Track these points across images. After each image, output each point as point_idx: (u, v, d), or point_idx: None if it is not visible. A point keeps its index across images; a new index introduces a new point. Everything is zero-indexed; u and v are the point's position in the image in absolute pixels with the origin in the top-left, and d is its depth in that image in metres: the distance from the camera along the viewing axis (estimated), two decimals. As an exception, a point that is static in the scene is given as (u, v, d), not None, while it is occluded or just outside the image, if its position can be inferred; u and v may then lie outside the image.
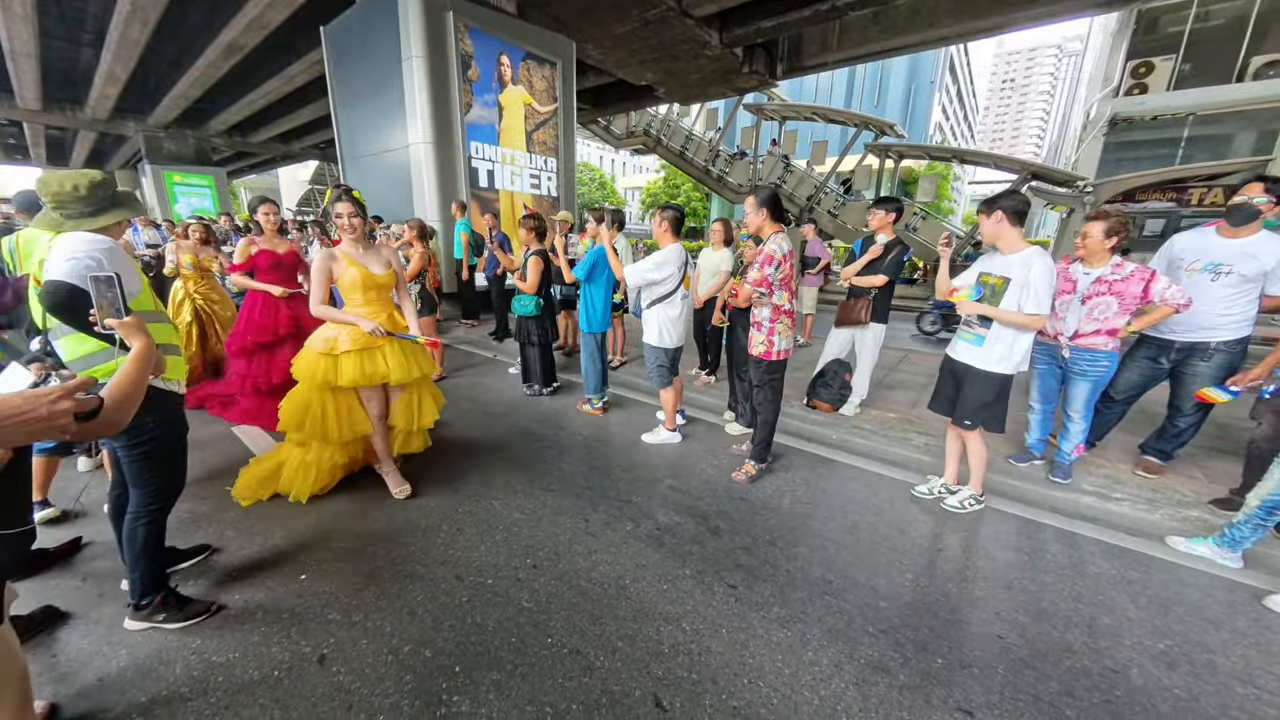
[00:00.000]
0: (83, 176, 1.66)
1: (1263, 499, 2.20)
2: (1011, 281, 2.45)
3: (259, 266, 3.69)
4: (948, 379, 2.84)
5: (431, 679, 1.66)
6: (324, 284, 2.56)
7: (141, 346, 1.24)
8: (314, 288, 2.53)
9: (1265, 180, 2.59)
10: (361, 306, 2.66)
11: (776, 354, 2.93)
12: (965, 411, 2.71)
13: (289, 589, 2.07)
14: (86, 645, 1.76)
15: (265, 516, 2.60)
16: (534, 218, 4.19)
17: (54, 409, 0.86)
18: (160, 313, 1.78)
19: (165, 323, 1.79)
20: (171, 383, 1.75)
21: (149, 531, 1.77)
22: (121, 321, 1.28)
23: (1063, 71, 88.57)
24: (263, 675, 1.66)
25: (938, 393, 2.92)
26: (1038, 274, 2.37)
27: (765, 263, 2.78)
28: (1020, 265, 2.43)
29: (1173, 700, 1.66)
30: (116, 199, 1.74)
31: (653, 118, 18.25)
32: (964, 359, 2.69)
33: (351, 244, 2.63)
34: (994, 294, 2.54)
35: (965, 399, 2.71)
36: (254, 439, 3.54)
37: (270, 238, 3.75)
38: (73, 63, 12.16)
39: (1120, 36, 14.00)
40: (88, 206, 1.66)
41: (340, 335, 2.60)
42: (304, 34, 9.20)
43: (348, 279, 2.60)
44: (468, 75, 7.33)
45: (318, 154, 22.34)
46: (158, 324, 1.73)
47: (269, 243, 3.73)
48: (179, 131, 16.53)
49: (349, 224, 2.51)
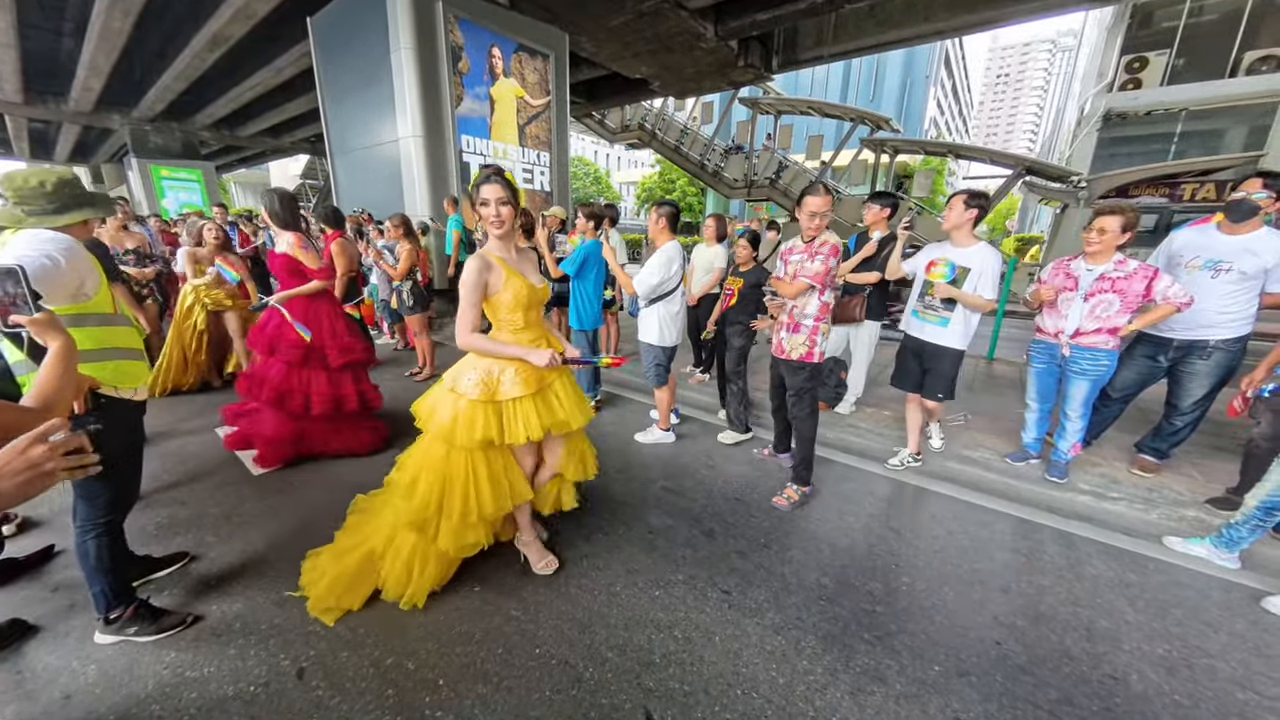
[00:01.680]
0: (50, 174, 1.60)
1: (1261, 500, 2.17)
2: (971, 271, 2.78)
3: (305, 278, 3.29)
4: (910, 358, 3.12)
5: (414, 693, 1.61)
6: (478, 304, 1.86)
7: (59, 346, 1.16)
8: (465, 309, 1.83)
9: (1264, 176, 2.55)
10: (523, 330, 1.97)
11: (819, 355, 2.71)
12: (940, 386, 3.01)
13: (268, 598, 2.00)
14: (54, 660, 1.69)
15: (247, 521, 2.53)
16: (522, 213, 4.08)
17: (29, 457, 0.76)
18: (120, 315, 1.69)
19: (125, 325, 1.71)
20: (127, 390, 1.67)
21: (100, 544, 1.69)
22: (32, 319, 1.14)
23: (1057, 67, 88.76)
24: (238, 691, 1.60)
25: (903, 372, 3.18)
26: (993, 265, 2.76)
27: (832, 254, 2.56)
28: (978, 257, 2.78)
29: (1173, 707, 1.63)
30: (84, 198, 1.67)
31: (647, 112, 18.11)
32: (933, 340, 2.98)
33: (501, 245, 1.94)
34: (955, 281, 2.85)
35: (938, 375, 2.99)
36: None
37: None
38: (54, 54, 11.88)
39: (1115, 31, 13.99)
40: (51, 204, 1.59)
41: (503, 373, 1.92)
42: (291, 25, 9.00)
43: (508, 296, 1.89)
44: (458, 67, 7.20)
45: (308, 148, 22.02)
46: (115, 327, 1.66)
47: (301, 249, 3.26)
48: (165, 125, 16.21)
49: (497, 215, 1.81)
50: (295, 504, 2.68)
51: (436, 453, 1.95)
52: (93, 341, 1.56)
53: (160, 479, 2.92)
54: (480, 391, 1.88)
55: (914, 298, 3.09)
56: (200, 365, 4.46)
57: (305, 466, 3.12)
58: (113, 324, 1.64)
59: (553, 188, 8.98)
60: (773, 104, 16.90)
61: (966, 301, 2.80)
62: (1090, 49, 21.77)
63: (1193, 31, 12.71)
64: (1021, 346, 3.93)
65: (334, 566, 1.98)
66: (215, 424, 3.69)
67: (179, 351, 4.32)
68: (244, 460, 3.16)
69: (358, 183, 8.49)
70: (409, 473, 1.98)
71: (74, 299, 1.52)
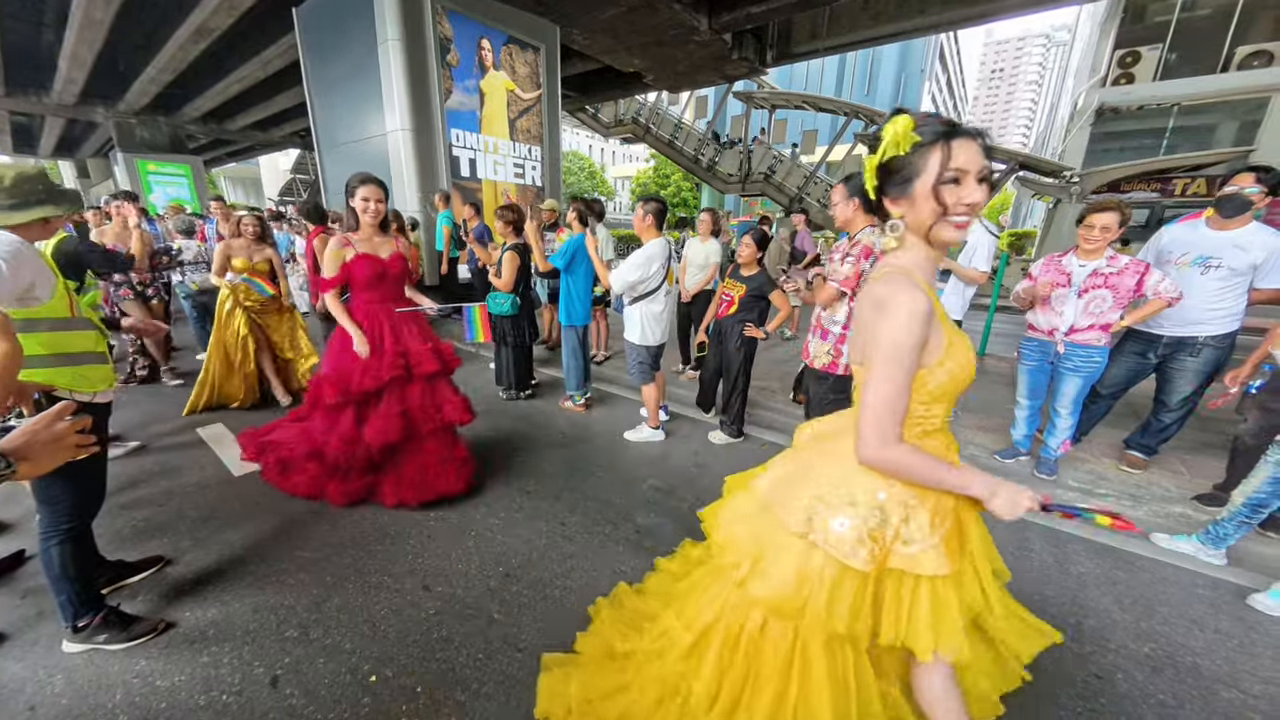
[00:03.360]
0: (11, 169, 1.55)
1: (1248, 496, 2.16)
2: (965, 245, 2.98)
3: (356, 280, 2.55)
4: None
5: (391, 701, 1.57)
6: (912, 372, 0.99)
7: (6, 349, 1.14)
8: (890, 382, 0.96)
9: (1256, 170, 2.53)
10: (939, 433, 1.12)
11: (844, 369, 2.49)
12: None
13: (245, 604, 1.96)
14: (20, 670, 1.65)
15: (226, 524, 2.48)
16: (511, 209, 4.03)
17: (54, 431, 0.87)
18: (79, 319, 1.63)
19: (85, 329, 1.65)
20: (85, 394, 1.62)
21: (64, 551, 1.64)
22: None
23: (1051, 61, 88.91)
24: (209, 700, 1.56)
25: None
26: (985, 240, 3.03)
27: (863, 255, 2.34)
28: (972, 232, 2.96)
29: (1158, 707, 1.62)
30: (46, 195, 1.60)
31: (641, 105, 17.97)
32: None
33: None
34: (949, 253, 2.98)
35: None
36: (225, 447, 3.39)
37: (370, 236, 2.57)
38: (35, 45, 11.64)
39: (1108, 25, 13.98)
40: (8, 200, 1.53)
41: (909, 519, 1.03)
42: (278, 16, 8.83)
43: (946, 371, 1.02)
44: (447, 60, 7.09)
45: (298, 142, 21.71)
46: (72, 332, 1.60)
47: (368, 244, 2.55)
48: (151, 118, 15.95)
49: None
50: (276, 506, 2.63)
51: (746, 622, 1.18)
52: (45, 347, 1.51)
53: (136, 480, 2.87)
54: (869, 552, 1.01)
55: None
56: (249, 377, 3.87)
57: (288, 467, 3.07)
58: (69, 329, 1.59)
59: (545, 182, 8.90)
60: (767, 98, 16.82)
61: (961, 274, 3.03)
62: (1084, 44, 21.77)
63: (1185, 26, 12.71)
64: (1012, 343, 3.92)
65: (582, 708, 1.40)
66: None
67: (221, 361, 3.78)
68: (224, 460, 3.10)
69: (346, 177, 8.37)
70: (691, 629, 1.28)
71: (22, 303, 1.46)
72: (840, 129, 16.64)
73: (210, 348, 3.78)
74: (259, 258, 3.81)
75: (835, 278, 2.44)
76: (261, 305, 3.86)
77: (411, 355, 2.60)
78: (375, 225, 2.56)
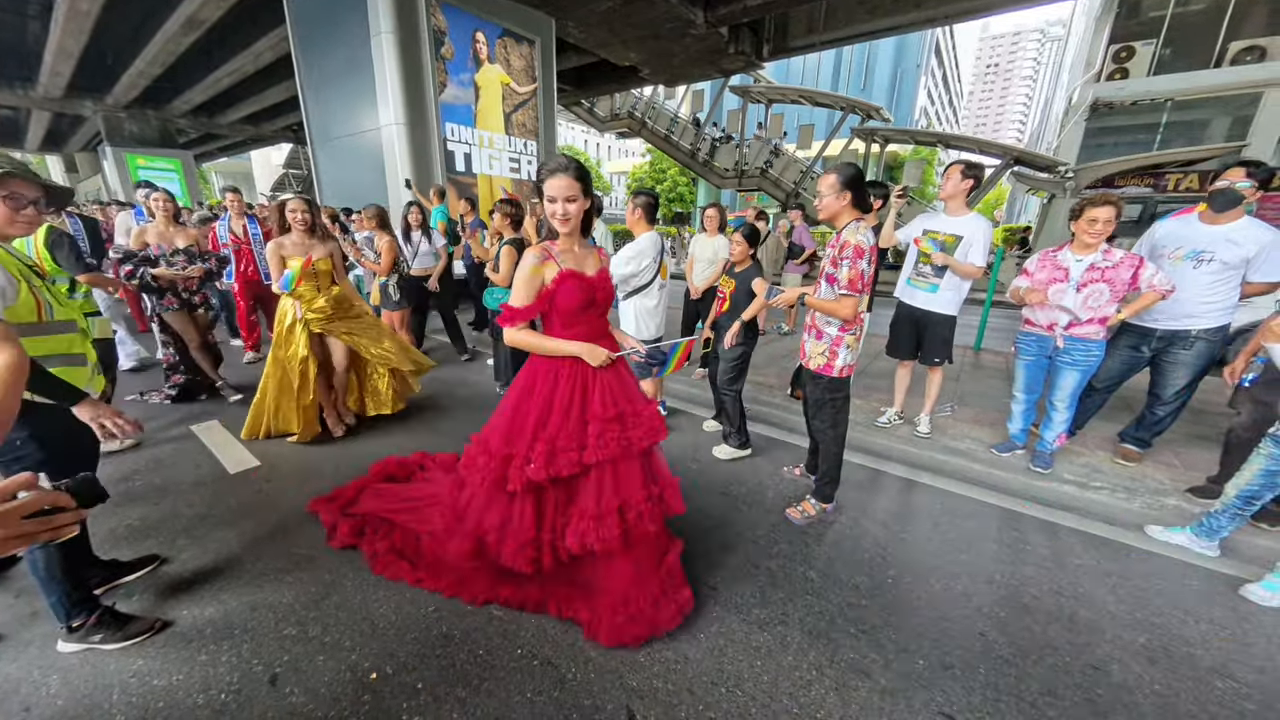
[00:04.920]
0: None
1: (1241, 489, 2.19)
2: (962, 239, 2.96)
3: (560, 310, 1.77)
4: (904, 326, 3.33)
5: (392, 698, 1.57)
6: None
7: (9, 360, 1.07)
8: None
9: (1247, 165, 2.55)
10: None
11: (839, 370, 2.42)
12: (936, 351, 3.22)
13: (242, 602, 1.95)
14: (14, 671, 1.63)
15: (222, 521, 2.46)
16: (510, 203, 4.00)
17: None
18: (54, 323, 1.59)
19: (63, 333, 1.61)
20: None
21: (49, 554, 1.61)
22: None
23: (1046, 56, 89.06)
24: (208, 699, 1.55)
25: (897, 341, 3.39)
26: (983, 233, 2.93)
27: (857, 256, 2.18)
28: (970, 226, 2.98)
29: (1153, 697, 1.64)
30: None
31: (637, 100, 17.89)
32: (924, 306, 3.19)
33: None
34: (946, 249, 3.02)
35: (933, 340, 3.21)
36: (220, 445, 3.36)
37: (571, 246, 1.80)
38: (20, 37, 11.45)
39: (1103, 20, 14.01)
40: None
41: None
42: (269, 7, 8.72)
43: None
44: (441, 53, 7.03)
45: (290, 136, 21.51)
46: (47, 336, 1.56)
47: (571, 256, 1.78)
48: (141, 112, 15.74)
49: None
50: (273, 503, 2.61)
51: None
52: None
53: (130, 477, 2.84)
54: None
55: (908, 266, 3.28)
56: (308, 410, 3.19)
57: (281, 460, 3.05)
58: (39, 334, 1.54)
59: (540, 177, 8.85)
60: (763, 92, 16.78)
61: (957, 269, 2.99)
62: (1079, 39, 21.82)
63: (1179, 21, 12.76)
64: (1008, 337, 3.93)
65: None
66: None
67: (277, 388, 3.21)
68: (220, 458, 3.08)
69: (340, 172, 8.29)
70: None
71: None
72: (837, 124, 16.63)
73: (266, 371, 3.24)
74: (319, 254, 3.13)
75: (839, 283, 2.27)
76: (329, 315, 3.18)
77: (628, 420, 1.79)
78: (578, 230, 1.78)
